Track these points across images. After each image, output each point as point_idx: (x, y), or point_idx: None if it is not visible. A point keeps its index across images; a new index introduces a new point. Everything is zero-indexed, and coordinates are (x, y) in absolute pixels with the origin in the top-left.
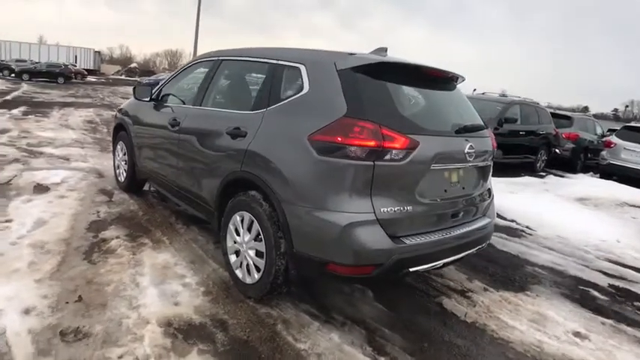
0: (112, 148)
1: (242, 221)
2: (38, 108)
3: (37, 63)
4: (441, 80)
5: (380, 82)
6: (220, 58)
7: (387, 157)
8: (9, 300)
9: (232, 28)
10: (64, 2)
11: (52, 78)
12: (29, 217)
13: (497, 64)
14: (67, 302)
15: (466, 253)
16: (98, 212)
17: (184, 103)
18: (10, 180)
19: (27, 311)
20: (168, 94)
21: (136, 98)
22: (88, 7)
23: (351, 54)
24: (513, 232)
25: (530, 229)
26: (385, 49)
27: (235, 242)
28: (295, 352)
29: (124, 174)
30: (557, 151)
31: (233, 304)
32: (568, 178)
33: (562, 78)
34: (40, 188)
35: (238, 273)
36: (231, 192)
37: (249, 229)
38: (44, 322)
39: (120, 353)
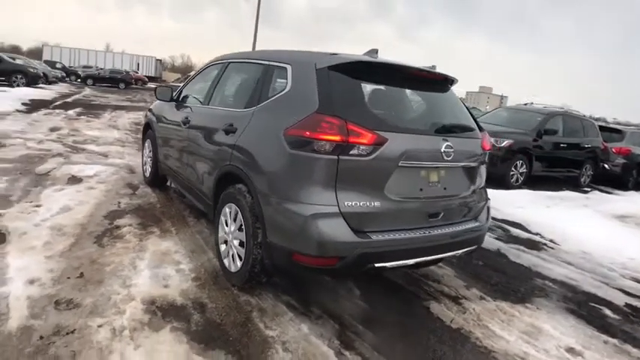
0: None
1: (230, 213)
2: (93, 110)
3: (101, 69)
4: (424, 81)
5: (354, 80)
6: (228, 60)
7: (353, 152)
8: (19, 271)
9: (289, 38)
10: (132, 13)
11: (114, 83)
12: (56, 204)
13: (561, 76)
14: (69, 277)
15: (447, 254)
16: (119, 203)
17: (200, 103)
18: (49, 172)
19: (32, 281)
20: (186, 95)
21: (157, 99)
22: (154, 18)
23: (333, 54)
24: (533, 245)
25: (553, 242)
26: (376, 51)
27: (225, 233)
28: (262, 338)
29: (149, 170)
30: (605, 166)
31: (217, 291)
32: (616, 195)
33: (633, 94)
34: (74, 180)
35: (226, 262)
36: (223, 185)
37: (235, 220)
38: (44, 291)
39: (100, 322)
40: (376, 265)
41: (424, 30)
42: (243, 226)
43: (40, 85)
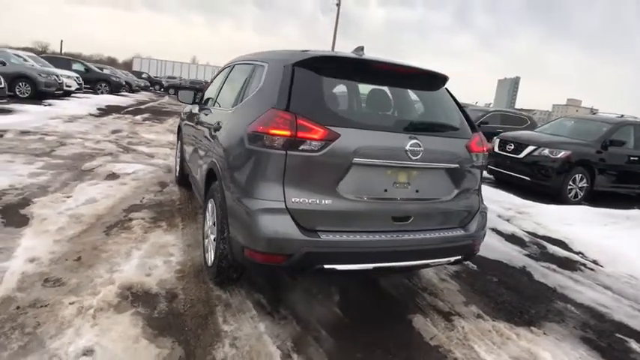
0: None
1: (211, 208)
2: (160, 116)
3: (182, 79)
4: (404, 77)
5: (318, 76)
6: (234, 62)
7: (303, 147)
8: (25, 250)
9: (367, 50)
10: (219, 29)
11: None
12: (85, 196)
13: None
14: (67, 260)
15: (419, 262)
16: (143, 198)
17: (212, 105)
18: (93, 168)
19: (32, 260)
20: (208, 97)
21: (180, 101)
22: (239, 32)
23: (305, 51)
24: (569, 265)
25: (596, 263)
26: (362, 48)
27: (207, 228)
28: (216, 332)
29: (177, 169)
30: None
31: (194, 284)
32: None
33: None
34: (112, 176)
35: (206, 256)
36: (208, 182)
37: (212, 215)
38: (38, 269)
39: (73, 300)
40: (325, 266)
41: (507, 41)
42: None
43: (122, 93)
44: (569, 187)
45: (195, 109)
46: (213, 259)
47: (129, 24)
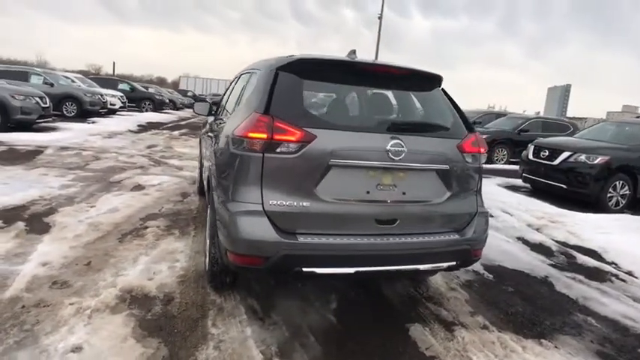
0: None
1: (209, 213)
2: (197, 131)
3: (219, 96)
4: (392, 78)
5: (299, 79)
6: (240, 72)
7: (280, 149)
8: (40, 254)
9: (413, 61)
10: (262, 46)
11: None
12: (107, 205)
13: None
14: (77, 264)
15: (406, 267)
16: (162, 208)
17: (221, 115)
18: (122, 180)
19: (44, 264)
20: (219, 109)
21: (195, 113)
22: (281, 47)
23: (290, 56)
24: (598, 275)
25: (631, 275)
26: (354, 51)
27: (207, 233)
28: (203, 334)
29: (198, 179)
30: None
31: (193, 288)
32: None
33: None
34: (137, 187)
35: (205, 261)
36: (209, 187)
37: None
38: (49, 273)
39: (73, 301)
40: (304, 269)
41: (557, 47)
42: None
43: (166, 111)
44: (609, 195)
45: (211, 119)
46: (207, 263)
47: (177, 45)
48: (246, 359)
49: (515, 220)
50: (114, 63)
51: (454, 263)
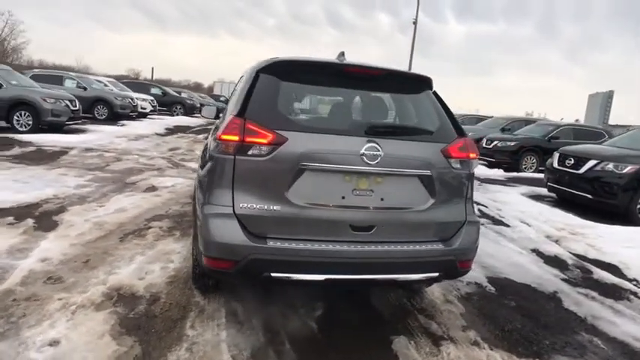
0: None
1: None
2: None
3: None
4: (370, 79)
5: (277, 81)
6: (241, 75)
7: (251, 152)
8: (41, 251)
9: (447, 67)
10: (296, 50)
11: None
12: (116, 205)
13: None
14: (76, 261)
15: (382, 277)
16: (169, 209)
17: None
18: (137, 182)
19: (43, 260)
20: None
21: (202, 116)
22: (315, 53)
23: (272, 58)
24: (615, 292)
25: None
26: (343, 53)
27: None
28: (179, 335)
29: None
30: None
31: (180, 290)
32: None
33: None
34: (150, 189)
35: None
36: None
37: None
38: (46, 268)
39: (62, 297)
40: (273, 274)
41: (598, 52)
42: None
43: (197, 115)
44: (639, 207)
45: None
46: (192, 265)
47: (214, 51)
48: None
49: (532, 231)
50: (152, 68)
51: (436, 274)
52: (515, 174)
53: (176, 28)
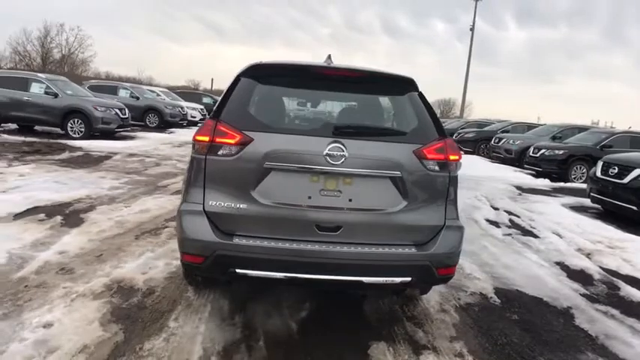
0: None
1: None
2: None
3: None
4: (347, 81)
5: (254, 84)
6: None
7: (221, 152)
8: (61, 244)
9: (507, 74)
10: (351, 58)
11: None
12: (141, 206)
13: None
14: (89, 255)
15: (347, 278)
16: None
17: None
18: (168, 185)
19: (61, 252)
20: None
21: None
22: (370, 61)
23: (254, 62)
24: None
25: None
26: (329, 56)
27: None
28: (161, 326)
29: None
30: None
31: (177, 285)
32: None
33: None
34: (179, 191)
35: None
36: None
37: None
38: (61, 260)
39: (66, 285)
40: (237, 270)
41: None
42: None
43: None
44: None
45: None
46: None
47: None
48: (185, 354)
49: (563, 243)
50: (212, 79)
51: (409, 280)
52: (562, 184)
53: (234, 40)
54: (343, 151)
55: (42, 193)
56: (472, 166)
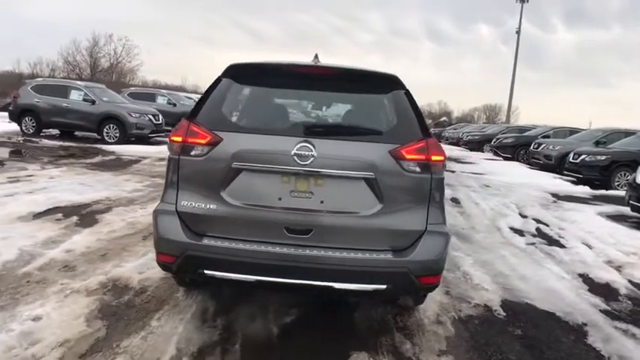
0: None
1: None
2: None
3: None
4: (318, 79)
5: (231, 84)
6: None
7: (193, 152)
8: (70, 243)
9: (556, 79)
10: (394, 65)
11: None
12: None
13: None
14: (94, 254)
15: (313, 283)
16: None
17: None
18: None
19: (68, 251)
20: None
21: None
22: (412, 69)
23: (232, 63)
24: None
25: None
26: (316, 56)
27: None
28: (143, 325)
29: None
30: None
31: (169, 285)
32: None
33: None
34: None
35: None
36: None
37: None
38: (66, 258)
39: (65, 282)
40: (206, 271)
41: None
42: None
43: None
44: None
45: None
46: None
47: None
48: (159, 353)
49: (591, 254)
50: None
51: (384, 287)
52: (603, 192)
53: (274, 46)
54: (312, 151)
55: (65, 194)
56: (507, 173)
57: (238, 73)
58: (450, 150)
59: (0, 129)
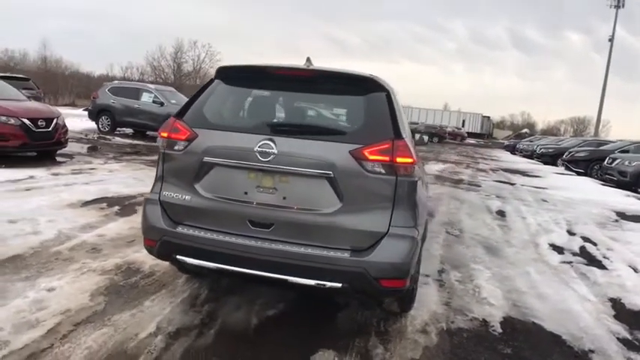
0: None
1: None
2: None
3: (416, 124)
4: (295, 80)
5: (219, 84)
6: None
7: (175, 147)
8: (104, 229)
9: None
10: (478, 76)
11: (429, 137)
12: None
13: None
14: (122, 240)
15: (270, 275)
16: None
17: None
18: None
19: (100, 235)
20: None
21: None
22: (498, 77)
23: (222, 65)
24: None
25: None
26: (308, 59)
27: None
28: (137, 304)
29: None
30: None
31: (175, 271)
32: None
33: None
34: None
35: None
36: None
37: None
38: (97, 241)
39: (86, 261)
40: (178, 257)
41: None
42: None
43: None
44: None
45: None
46: None
47: (394, 76)
48: (140, 329)
49: (634, 279)
50: None
51: (340, 285)
52: None
53: (358, 55)
54: (273, 149)
55: (115, 186)
56: (572, 188)
57: (226, 74)
58: (519, 163)
59: (80, 126)
